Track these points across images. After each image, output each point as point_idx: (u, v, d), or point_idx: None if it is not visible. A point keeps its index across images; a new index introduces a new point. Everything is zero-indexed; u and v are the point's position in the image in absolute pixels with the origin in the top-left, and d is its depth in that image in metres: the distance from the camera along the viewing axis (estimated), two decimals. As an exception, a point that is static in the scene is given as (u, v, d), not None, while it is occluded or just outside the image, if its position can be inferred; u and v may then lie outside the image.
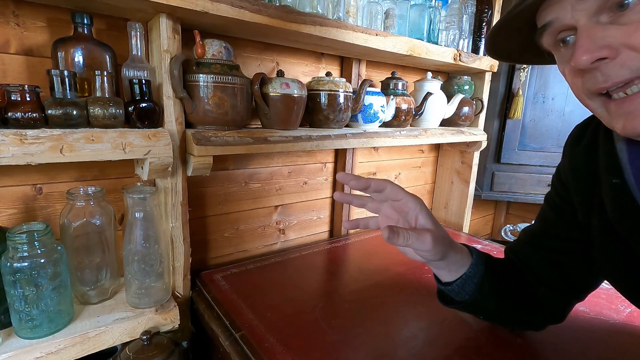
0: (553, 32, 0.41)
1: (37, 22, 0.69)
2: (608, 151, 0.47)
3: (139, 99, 0.68)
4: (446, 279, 0.59)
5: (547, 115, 1.47)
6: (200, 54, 0.74)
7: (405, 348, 0.65)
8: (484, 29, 1.25)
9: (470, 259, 0.57)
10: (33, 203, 0.74)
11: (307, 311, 0.75)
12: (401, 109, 1.08)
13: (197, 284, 0.87)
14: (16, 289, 0.60)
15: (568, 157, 0.57)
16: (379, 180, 0.52)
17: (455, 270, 0.57)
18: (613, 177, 0.46)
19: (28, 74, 0.69)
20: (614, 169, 0.46)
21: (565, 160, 0.58)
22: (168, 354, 0.69)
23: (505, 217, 1.95)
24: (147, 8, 0.66)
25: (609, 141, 0.48)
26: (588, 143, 0.53)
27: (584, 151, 0.53)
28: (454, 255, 0.55)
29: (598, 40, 0.36)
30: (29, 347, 0.61)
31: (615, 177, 0.46)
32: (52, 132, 0.58)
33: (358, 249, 1.11)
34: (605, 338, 0.70)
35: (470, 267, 0.57)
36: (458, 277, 0.57)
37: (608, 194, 0.47)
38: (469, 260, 0.57)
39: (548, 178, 1.49)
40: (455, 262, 0.56)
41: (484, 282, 0.57)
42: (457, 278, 0.57)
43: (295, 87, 0.83)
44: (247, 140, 0.78)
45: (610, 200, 0.47)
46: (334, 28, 0.86)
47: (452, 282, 0.58)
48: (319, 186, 1.20)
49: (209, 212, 0.98)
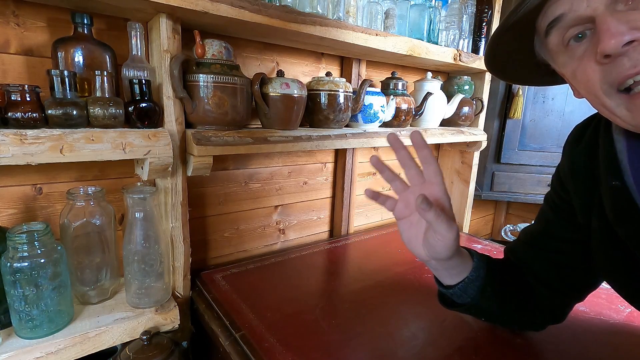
0: (563, 28, 0.40)
1: (37, 22, 0.69)
2: (608, 152, 0.47)
3: (139, 99, 0.68)
4: (447, 282, 0.58)
5: (547, 115, 1.47)
6: (200, 54, 0.74)
7: (405, 348, 0.65)
8: (484, 29, 1.25)
9: (471, 262, 0.57)
10: (33, 203, 0.74)
11: (307, 311, 0.75)
12: (401, 109, 1.08)
13: (197, 284, 0.87)
14: (16, 289, 0.60)
15: (568, 157, 0.56)
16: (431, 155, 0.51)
17: (456, 274, 0.56)
18: (613, 179, 0.45)
19: (28, 74, 0.69)
20: (613, 170, 0.45)
21: (564, 160, 0.57)
22: (168, 354, 0.69)
23: (505, 217, 1.95)
24: (147, 8, 0.66)
25: (609, 142, 0.47)
26: (588, 143, 0.52)
27: (584, 151, 0.53)
28: (457, 257, 0.54)
29: (624, 24, 0.34)
30: (29, 347, 0.61)
31: (615, 179, 0.45)
32: (52, 132, 0.58)
33: (358, 249, 1.11)
34: (605, 338, 0.70)
35: (472, 270, 0.56)
36: (460, 280, 0.56)
37: (608, 195, 0.47)
38: (470, 264, 0.57)
39: (548, 178, 1.49)
40: (456, 266, 0.55)
41: (486, 286, 0.57)
42: (458, 282, 0.56)
43: (295, 87, 0.83)
44: (247, 140, 0.78)
45: (609, 202, 0.47)
46: (334, 28, 0.86)
47: (453, 286, 0.57)
48: (319, 186, 1.20)
49: (209, 212, 0.98)
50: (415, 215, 0.52)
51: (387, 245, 1.14)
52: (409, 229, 0.53)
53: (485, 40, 1.26)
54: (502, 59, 0.51)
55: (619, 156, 0.45)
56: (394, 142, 0.52)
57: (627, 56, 0.35)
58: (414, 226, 0.53)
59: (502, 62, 0.52)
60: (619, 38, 0.34)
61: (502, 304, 0.60)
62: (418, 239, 0.53)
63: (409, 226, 0.54)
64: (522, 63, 0.51)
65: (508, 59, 0.51)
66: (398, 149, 0.51)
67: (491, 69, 0.54)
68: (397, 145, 0.51)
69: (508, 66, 0.53)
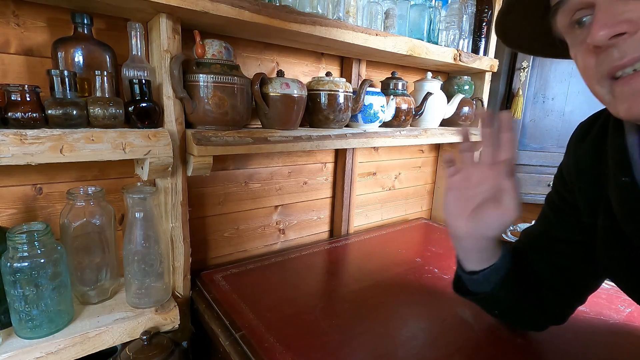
0: (568, 11, 0.40)
1: (37, 22, 0.69)
2: (618, 147, 0.45)
3: (139, 99, 0.68)
4: (471, 267, 0.57)
5: (547, 115, 1.47)
6: (200, 54, 0.74)
7: (405, 348, 0.65)
8: (484, 29, 1.25)
9: (499, 250, 0.56)
10: (33, 203, 0.74)
11: (307, 311, 0.75)
12: (401, 109, 1.08)
13: (197, 284, 0.87)
14: (16, 289, 0.60)
15: (572, 155, 0.55)
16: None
17: (485, 259, 0.55)
18: (622, 175, 0.44)
19: (28, 74, 0.69)
20: (623, 166, 0.44)
21: (569, 158, 0.56)
22: (168, 354, 0.69)
23: (505, 217, 1.95)
24: (147, 8, 0.66)
25: (620, 136, 0.46)
26: (594, 139, 0.51)
27: (589, 149, 0.51)
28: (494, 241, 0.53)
29: (617, 15, 0.34)
30: (29, 347, 0.61)
31: (624, 175, 0.44)
32: (52, 132, 0.58)
33: (358, 249, 1.11)
34: (605, 338, 0.70)
35: (500, 257, 0.55)
36: (486, 266, 0.55)
37: (615, 192, 0.46)
38: (499, 252, 0.55)
39: (548, 178, 1.49)
40: (489, 250, 0.54)
41: (508, 276, 0.56)
42: (484, 268, 0.55)
43: (295, 87, 0.83)
44: (247, 140, 0.78)
45: (617, 199, 0.45)
46: (334, 28, 0.86)
47: (478, 272, 0.56)
48: (319, 186, 1.20)
49: (209, 212, 0.98)
50: (470, 190, 0.52)
51: (387, 245, 1.14)
52: (457, 201, 0.53)
53: (486, 40, 1.26)
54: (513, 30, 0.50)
55: (630, 150, 0.44)
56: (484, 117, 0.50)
57: (616, 48, 0.35)
58: (463, 200, 0.53)
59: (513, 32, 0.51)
60: (608, 30, 0.34)
61: (517, 298, 0.59)
62: (464, 211, 0.52)
63: (458, 198, 0.53)
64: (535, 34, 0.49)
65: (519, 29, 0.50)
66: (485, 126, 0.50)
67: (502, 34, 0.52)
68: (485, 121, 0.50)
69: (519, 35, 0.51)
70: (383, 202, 1.41)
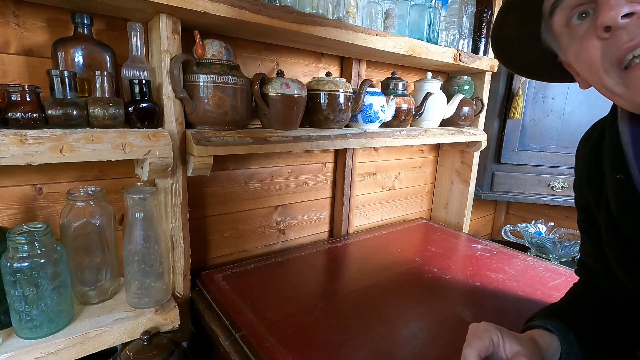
0: (567, 8, 0.40)
1: (37, 22, 0.69)
2: (614, 146, 0.46)
3: (139, 99, 0.68)
4: None
5: (547, 115, 1.47)
6: (200, 54, 0.74)
7: (405, 348, 0.65)
8: (484, 29, 1.25)
9: (555, 338, 0.51)
10: (33, 203, 0.74)
11: (307, 311, 0.75)
12: (401, 109, 1.08)
13: (197, 284, 0.87)
14: (16, 289, 0.60)
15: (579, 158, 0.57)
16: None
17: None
18: (617, 172, 0.45)
19: (28, 74, 0.69)
20: (618, 163, 0.45)
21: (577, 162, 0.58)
22: (168, 354, 0.69)
23: (505, 217, 1.95)
24: (147, 8, 0.67)
25: (616, 136, 0.46)
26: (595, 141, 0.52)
27: (591, 149, 0.53)
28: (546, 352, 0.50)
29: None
30: (29, 347, 0.61)
31: (619, 172, 0.45)
32: (52, 132, 0.58)
33: (358, 249, 1.11)
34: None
35: (561, 343, 0.51)
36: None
37: (612, 189, 0.46)
38: (556, 341, 0.51)
39: (548, 178, 1.49)
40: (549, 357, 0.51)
41: (584, 346, 0.52)
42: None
43: (295, 87, 0.83)
44: (247, 141, 0.78)
45: (614, 196, 0.46)
46: (334, 28, 0.86)
47: None
48: (319, 186, 1.20)
49: (209, 212, 0.98)
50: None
51: (387, 245, 1.14)
52: None
53: (486, 41, 1.26)
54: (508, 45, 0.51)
55: (624, 149, 0.45)
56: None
57: (625, 29, 0.36)
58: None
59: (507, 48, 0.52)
60: (618, 9, 0.35)
61: (610, 345, 0.55)
62: None
63: None
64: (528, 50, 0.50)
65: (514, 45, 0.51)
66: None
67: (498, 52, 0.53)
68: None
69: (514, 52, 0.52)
70: (383, 202, 1.41)
